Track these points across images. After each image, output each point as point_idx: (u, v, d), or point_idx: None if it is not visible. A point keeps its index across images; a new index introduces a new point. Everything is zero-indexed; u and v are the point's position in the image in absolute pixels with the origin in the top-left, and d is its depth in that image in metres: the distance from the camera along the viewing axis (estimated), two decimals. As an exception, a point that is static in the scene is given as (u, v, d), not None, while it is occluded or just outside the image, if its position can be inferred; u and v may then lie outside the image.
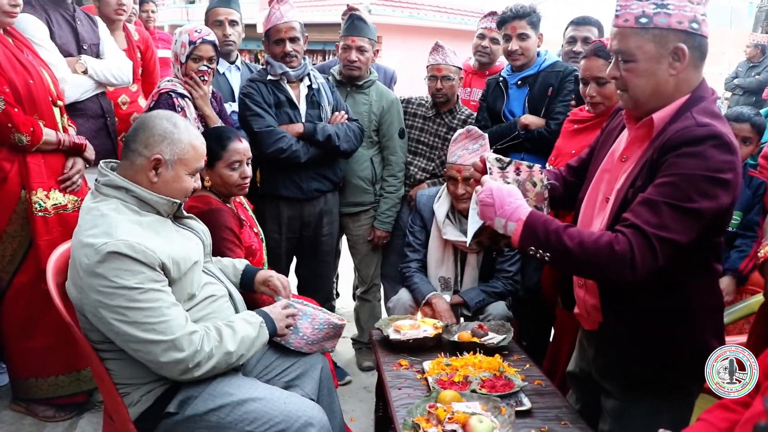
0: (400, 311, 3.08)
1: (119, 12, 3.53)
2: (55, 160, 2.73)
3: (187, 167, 1.97)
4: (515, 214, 1.71)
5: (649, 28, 1.62)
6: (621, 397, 1.89)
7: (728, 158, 1.57)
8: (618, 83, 1.74)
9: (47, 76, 2.72)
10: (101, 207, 1.87)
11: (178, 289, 1.91)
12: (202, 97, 2.95)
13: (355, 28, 3.46)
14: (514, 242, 1.72)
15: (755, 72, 8.86)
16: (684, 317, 1.74)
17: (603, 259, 1.60)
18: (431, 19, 15.30)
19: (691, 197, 1.55)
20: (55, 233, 2.66)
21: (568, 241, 1.63)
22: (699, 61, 1.67)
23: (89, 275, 1.77)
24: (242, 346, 1.93)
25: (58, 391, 2.85)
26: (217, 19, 3.45)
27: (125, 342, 1.81)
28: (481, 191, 1.78)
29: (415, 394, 2.21)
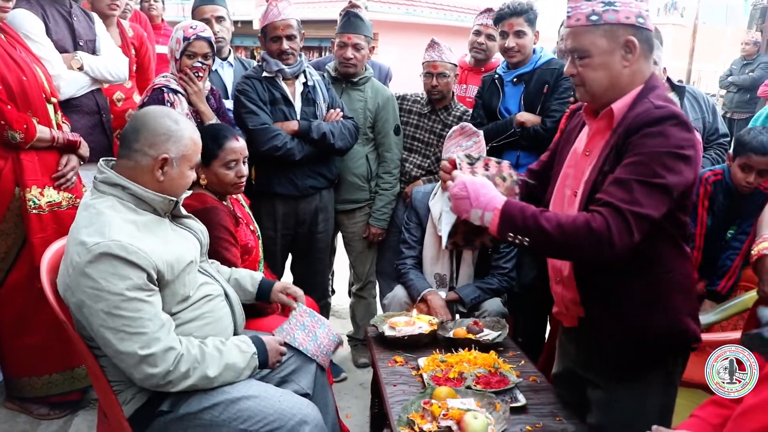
0: (395, 308, 3.08)
1: (112, 7, 3.51)
2: (49, 157, 2.72)
3: (190, 162, 1.99)
4: (491, 203, 1.75)
5: (600, 24, 1.72)
6: (606, 386, 1.93)
7: (688, 136, 1.66)
8: (575, 79, 1.82)
9: (41, 72, 2.71)
10: (98, 204, 1.87)
11: (171, 292, 1.91)
12: (197, 93, 2.94)
13: (352, 25, 3.45)
14: (492, 231, 1.75)
15: (749, 69, 8.88)
16: (659, 299, 1.81)
17: (581, 239, 1.65)
18: (428, 15, 15.29)
19: (658, 173, 1.63)
20: (49, 231, 2.65)
21: (546, 224, 1.67)
22: (648, 52, 1.77)
23: (78, 274, 1.77)
24: (226, 373, 1.93)
25: (52, 389, 2.84)
26: (203, 17, 3.44)
27: (103, 346, 1.81)
28: (454, 185, 1.82)
29: (411, 391, 2.21)
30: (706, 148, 3.56)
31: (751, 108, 8.46)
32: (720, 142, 3.66)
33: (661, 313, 1.81)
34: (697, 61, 16.23)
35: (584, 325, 1.95)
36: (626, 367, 1.88)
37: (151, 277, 1.83)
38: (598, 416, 1.97)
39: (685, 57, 15.98)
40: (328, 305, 3.99)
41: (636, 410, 1.89)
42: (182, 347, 1.85)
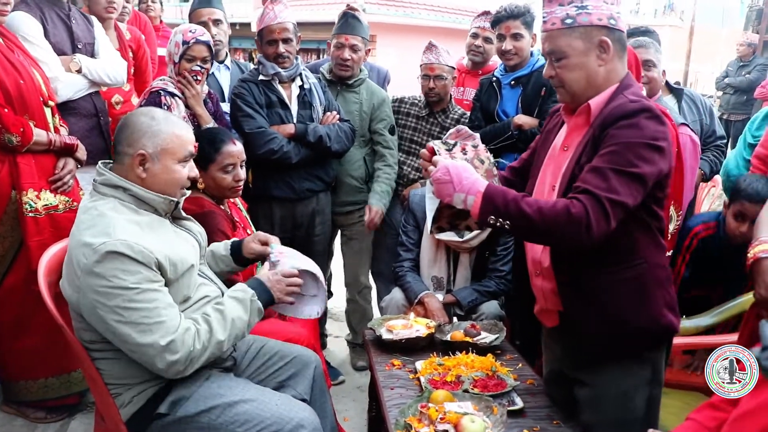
0: (392, 311, 3.08)
1: (109, 10, 3.51)
2: (46, 160, 2.71)
3: (174, 156, 1.95)
4: (473, 187, 1.80)
5: (575, 27, 1.81)
6: (592, 384, 1.97)
7: (661, 128, 1.74)
8: (554, 81, 1.90)
9: (38, 76, 2.71)
10: (99, 206, 1.87)
11: (174, 291, 1.91)
12: (194, 97, 2.94)
13: (349, 26, 3.43)
14: (474, 214, 1.80)
15: (745, 71, 8.89)
16: (636, 290, 1.86)
17: (561, 224, 1.70)
18: (425, 18, 15.33)
19: (633, 162, 1.70)
20: (45, 234, 2.64)
21: (527, 208, 1.72)
22: (621, 52, 1.86)
23: (87, 275, 1.77)
24: (233, 330, 1.92)
25: (48, 393, 2.83)
26: (201, 21, 3.45)
27: (122, 342, 1.80)
28: (437, 170, 1.86)
29: (408, 394, 2.21)
30: (703, 150, 3.57)
31: (747, 109, 8.48)
32: (717, 144, 3.67)
33: (639, 305, 1.86)
34: (693, 63, 16.28)
35: (565, 322, 1.99)
36: (608, 359, 1.93)
37: (160, 270, 1.84)
38: (587, 414, 2.00)
39: (682, 58, 16.03)
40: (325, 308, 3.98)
41: (623, 406, 1.93)
42: (193, 324, 1.86)
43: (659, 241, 1.91)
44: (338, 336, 4.12)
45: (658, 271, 1.89)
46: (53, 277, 2.05)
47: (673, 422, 2.19)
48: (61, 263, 2.12)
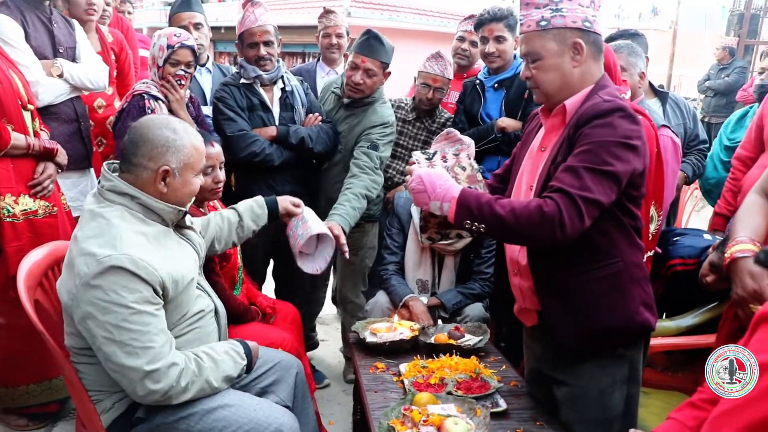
0: (377, 314, 3.08)
1: (89, 12, 3.48)
2: (25, 164, 2.68)
3: (194, 170, 1.97)
4: (447, 194, 1.84)
5: (549, 29, 1.84)
6: (571, 382, 1.99)
7: (634, 127, 1.77)
8: (530, 82, 1.93)
9: (17, 79, 2.68)
10: (106, 213, 1.85)
11: (173, 307, 1.90)
12: (178, 101, 2.94)
13: (369, 48, 3.13)
14: (450, 219, 1.83)
15: (725, 74, 9.01)
16: (612, 289, 1.89)
17: (534, 223, 1.73)
18: (411, 21, 15.34)
19: (606, 161, 1.72)
20: (24, 239, 2.61)
21: (500, 210, 1.75)
22: (597, 54, 1.89)
23: (85, 285, 1.75)
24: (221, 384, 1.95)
25: (30, 400, 2.81)
26: (181, 24, 3.43)
27: (106, 359, 1.78)
28: (411, 180, 1.90)
29: (392, 397, 2.21)
30: (686, 153, 3.60)
31: (728, 112, 8.55)
32: (700, 148, 3.70)
33: (615, 303, 1.89)
34: (677, 66, 16.41)
35: (544, 320, 2.01)
36: (586, 358, 1.95)
37: (157, 292, 1.82)
38: (566, 413, 2.03)
39: (666, 62, 16.15)
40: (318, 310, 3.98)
41: (601, 404, 1.96)
42: (183, 362, 1.84)
43: (635, 240, 1.93)
44: (325, 340, 4.11)
45: (634, 270, 1.91)
46: (32, 283, 2.04)
47: (654, 422, 2.22)
48: (41, 269, 2.11)
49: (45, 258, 2.16)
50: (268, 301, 2.85)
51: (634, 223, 1.91)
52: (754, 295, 1.66)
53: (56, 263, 2.19)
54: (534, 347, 2.19)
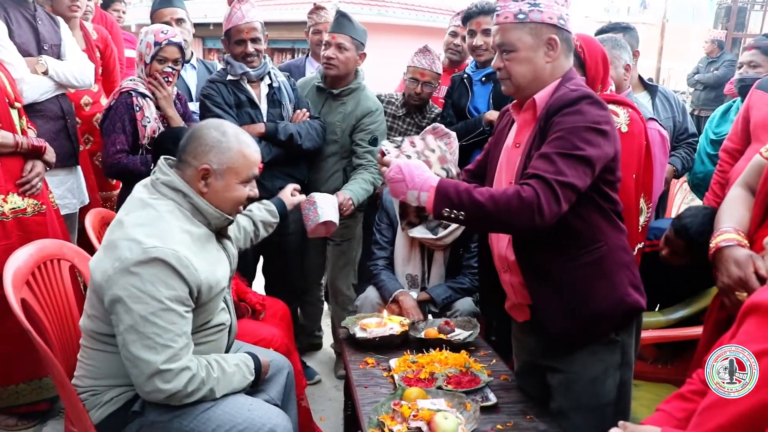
0: (367, 309, 3.08)
1: (73, 9, 3.46)
2: (13, 163, 2.67)
3: (238, 176, 1.95)
4: (426, 183, 1.83)
5: (526, 22, 1.87)
6: (565, 369, 2.01)
7: (602, 112, 1.81)
8: (502, 73, 1.95)
9: (4, 77, 2.66)
10: (157, 206, 1.86)
11: (199, 313, 1.91)
12: (166, 98, 2.94)
13: (339, 25, 3.30)
14: (429, 209, 1.83)
15: (714, 67, 9.05)
16: (599, 273, 1.91)
17: (513, 209, 1.73)
18: (399, 16, 15.29)
19: (578, 146, 1.75)
20: (13, 238, 2.60)
21: (479, 197, 1.76)
22: (568, 51, 1.94)
23: (124, 270, 1.75)
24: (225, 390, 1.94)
25: (19, 399, 2.79)
26: (163, 21, 3.43)
27: (123, 346, 1.78)
28: (390, 170, 1.89)
29: (382, 392, 2.20)
30: (675, 147, 3.61)
31: (717, 105, 8.53)
32: (689, 141, 3.72)
33: (604, 287, 1.92)
34: (665, 60, 16.46)
35: (536, 314, 2.02)
36: (580, 345, 1.97)
37: (192, 294, 1.83)
38: (559, 400, 2.04)
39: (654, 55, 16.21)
40: (320, 309, 3.99)
41: (594, 390, 1.98)
42: (195, 368, 1.84)
43: (617, 224, 1.96)
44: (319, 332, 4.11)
45: (619, 253, 1.94)
46: (19, 282, 2.02)
47: (644, 414, 2.23)
48: (27, 268, 2.10)
49: (32, 256, 2.14)
50: (257, 298, 2.85)
51: (614, 207, 1.94)
52: (740, 283, 1.67)
53: (43, 261, 2.18)
54: (525, 341, 2.20)
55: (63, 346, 2.12)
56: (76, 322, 2.22)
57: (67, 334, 2.18)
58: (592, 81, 2.41)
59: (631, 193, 2.42)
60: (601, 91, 2.45)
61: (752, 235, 1.79)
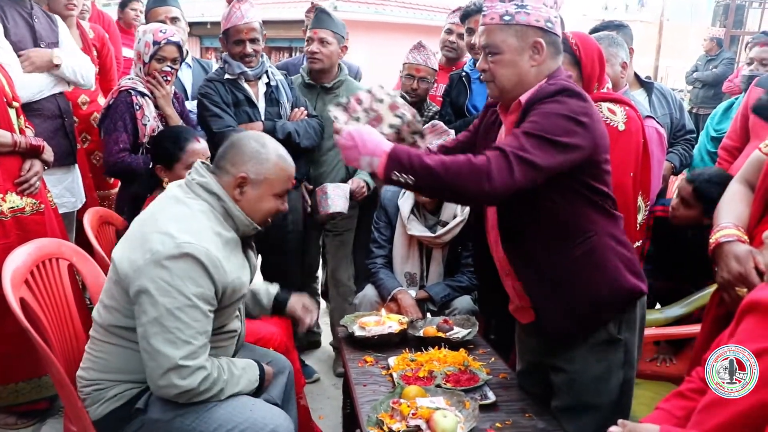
0: (366, 307, 3.08)
1: (69, 7, 3.46)
2: (12, 162, 2.66)
3: (273, 188, 1.97)
4: (378, 148, 1.79)
5: (512, 24, 1.83)
6: (569, 368, 2.00)
7: (582, 104, 1.77)
8: (486, 75, 1.91)
9: (2, 77, 2.66)
10: (192, 205, 1.89)
11: (218, 315, 1.92)
12: (164, 97, 2.94)
13: (318, 20, 3.39)
14: (380, 173, 1.78)
15: (712, 65, 9.05)
16: (593, 263, 1.89)
17: (462, 173, 1.71)
18: (397, 15, 15.29)
19: (548, 129, 1.72)
20: (11, 237, 2.60)
21: (430, 161, 1.73)
22: (555, 54, 1.90)
23: (155, 262, 1.76)
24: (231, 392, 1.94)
25: (18, 398, 2.79)
26: (158, 19, 3.43)
27: (143, 337, 1.79)
28: (341, 137, 1.85)
29: (381, 391, 2.21)
30: (672, 144, 3.61)
31: (716, 103, 8.55)
32: (687, 138, 3.72)
33: (600, 276, 1.89)
34: (664, 58, 16.46)
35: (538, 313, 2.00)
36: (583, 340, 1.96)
37: (217, 294, 1.84)
38: (563, 398, 2.03)
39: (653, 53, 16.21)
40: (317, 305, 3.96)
41: (597, 389, 1.97)
42: (209, 368, 1.85)
43: (608, 212, 1.92)
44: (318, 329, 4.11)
45: (611, 240, 1.91)
46: (18, 281, 2.02)
47: (644, 412, 2.22)
48: (26, 267, 2.09)
49: (30, 256, 2.14)
50: (256, 296, 2.83)
51: (604, 200, 1.91)
52: (740, 278, 1.66)
53: (42, 261, 2.17)
54: (530, 342, 2.18)
55: (62, 345, 2.12)
56: (74, 321, 2.23)
57: (65, 332, 2.17)
58: (588, 79, 2.40)
59: (629, 191, 2.42)
60: (598, 89, 2.45)
61: (751, 231, 1.79)
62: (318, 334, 4.02)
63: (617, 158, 2.38)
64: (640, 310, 2.05)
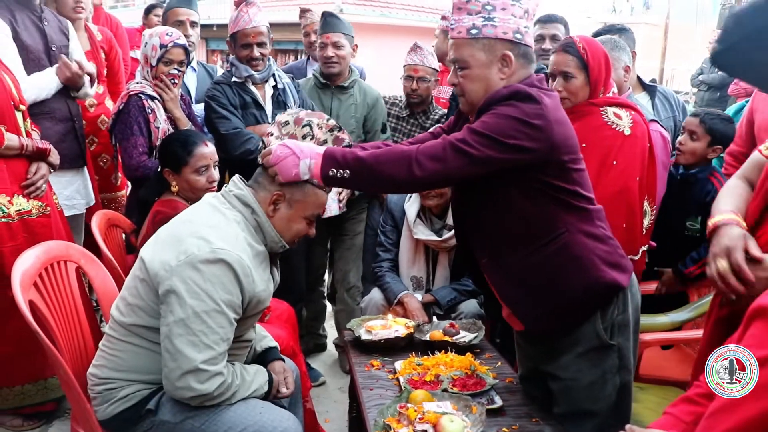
0: (372, 311, 3.09)
1: (77, 10, 3.47)
2: (19, 165, 2.67)
3: (305, 210, 1.99)
4: (313, 151, 1.82)
5: (479, 38, 1.81)
6: (565, 374, 1.99)
7: (536, 107, 1.74)
8: (457, 89, 1.90)
9: (9, 80, 2.67)
10: (227, 213, 1.92)
11: (240, 324, 1.93)
12: (173, 100, 2.96)
13: (329, 25, 3.43)
14: (317, 175, 1.81)
15: (717, 68, 9.03)
16: (566, 260, 1.87)
17: (392, 161, 1.75)
18: (402, 17, 15.32)
19: (494, 130, 1.71)
20: (19, 239, 2.61)
21: (363, 155, 1.77)
22: (527, 64, 1.87)
23: (189, 264, 1.78)
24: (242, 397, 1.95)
25: (25, 400, 2.79)
26: (178, 19, 3.45)
27: (166, 336, 1.80)
28: (274, 151, 1.86)
29: (387, 395, 2.21)
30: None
31: (721, 106, 8.57)
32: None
33: (575, 272, 1.88)
34: (670, 60, 16.45)
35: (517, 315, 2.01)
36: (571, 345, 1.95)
37: (243, 303, 1.86)
38: (561, 405, 2.03)
39: (658, 56, 16.19)
40: (324, 308, 3.99)
41: (594, 395, 1.96)
42: (226, 375, 1.86)
43: (579, 208, 1.90)
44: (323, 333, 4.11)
45: (582, 237, 1.89)
46: (27, 283, 2.03)
47: (650, 417, 2.23)
48: (35, 269, 2.10)
49: (39, 258, 2.15)
50: (263, 300, 2.84)
51: (573, 197, 1.88)
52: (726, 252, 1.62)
53: (50, 263, 2.18)
54: (527, 349, 2.19)
55: (70, 347, 2.12)
56: (82, 323, 2.23)
57: (73, 334, 2.18)
58: (595, 83, 2.41)
59: (635, 195, 2.42)
60: (604, 93, 2.45)
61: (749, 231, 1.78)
62: (324, 337, 4.03)
63: (623, 163, 2.39)
64: (634, 314, 2.03)
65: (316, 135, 1.97)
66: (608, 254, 1.93)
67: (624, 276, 1.95)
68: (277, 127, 1.99)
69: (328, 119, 2.02)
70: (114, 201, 3.73)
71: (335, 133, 1.99)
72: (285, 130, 1.98)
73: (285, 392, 2.12)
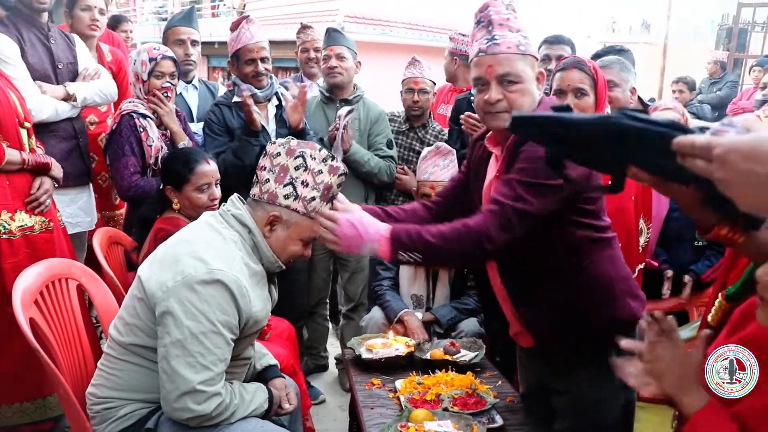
0: (372, 329, 3.08)
1: (93, 27, 3.51)
2: (21, 180, 2.68)
3: (301, 233, 1.98)
4: (378, 233, 1.78)
5: (527, 54, 1.86)
6: (570, 391, 1.99)
7: None
8: (500, 105, 1.86)
9: (14, 97, 2.68)
10: (225, 233, 1.91)
11: (237, 344, 1.92)
12: (168, 114, 2.97)
13: (333, 39, 3.56)
14: (386, 257, 1.80)
15: (716, 88, 9.11)
16: (592, 293, 1.90)
17: (462, 240, 1.74)
18: (403, 36, 15.37)
19: (540, 174, 1.73)
20: (21, 255, 2.61)
21: (429, 237, 1.75)
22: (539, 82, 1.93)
23: (185, 285, 1.78)
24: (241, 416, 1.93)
25: (24, 418, 2.78)
26: (179, 38, 3.47)
27: (164, 358, 1.79)
28: (340, 226, 1.80)
29: (388, 414, 2.20)
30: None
31: (720, 126, 8.61)
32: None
33: (599, 305, 1.91)
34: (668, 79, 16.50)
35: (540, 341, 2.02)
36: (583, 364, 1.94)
37: (240, 323, 1.86)
38: (564, 421, 2.03)
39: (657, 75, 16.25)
40: (326, 330, 3.97)
41: (599, 412, 1.97)
42: (224, 395, 1.85)
43: (603, 240, 1.94)
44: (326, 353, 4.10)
45: (607, 267, 1.93)
46: (28, 300, 2.03)
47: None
48: (36, 287, 2.10)
49: (40, 276, 2.15)
50: (263, 318, 2.84)
51: (595, 232, 1.92)
52: None
53: (51, 281, 2.19)
54: (530, 365, 2.19)
55: (70, 365, 2.12)
56: (83, 341, 2.23)
57: (73, 353, 2.18)
58: (600, 102, 2.44)
59: (631, 214, 2.43)
60: (601, 111, 2.48)
61: None
62: (324, 358, 4.01)
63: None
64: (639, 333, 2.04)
65: (310, 166, 1.94)
66: (628, 285, 1.96)
67: (641, 306, 1.97)
68: (268, 160, 1.99)
69: (320, 149, 1.99)
70: (112, 219, 3.72)
71: (329, 163, 1.97)
72: (276, 162, 1.97)
73: (288, 408, 2.12)
